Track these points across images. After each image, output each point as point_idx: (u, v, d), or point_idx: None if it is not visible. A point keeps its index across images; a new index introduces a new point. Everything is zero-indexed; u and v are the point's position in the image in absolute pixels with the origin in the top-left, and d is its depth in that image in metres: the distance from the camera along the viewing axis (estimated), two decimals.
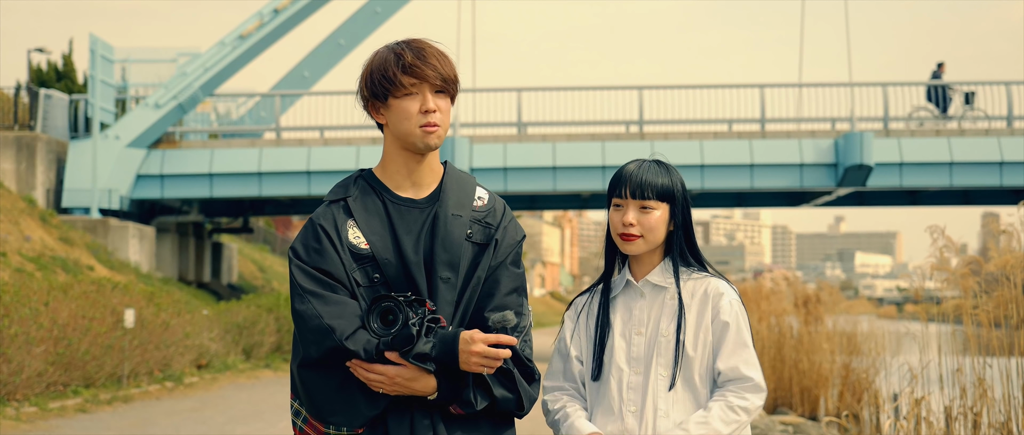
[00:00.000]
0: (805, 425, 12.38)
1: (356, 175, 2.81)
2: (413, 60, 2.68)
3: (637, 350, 2.88)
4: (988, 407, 6.73)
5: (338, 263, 2.67)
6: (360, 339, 2.60)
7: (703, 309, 2.87)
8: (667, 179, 2.89)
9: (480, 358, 2.60)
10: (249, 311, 19.38)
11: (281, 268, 39.74)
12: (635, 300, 2.92)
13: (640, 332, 2.89)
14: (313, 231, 2.72)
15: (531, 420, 12.04)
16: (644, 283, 2.92)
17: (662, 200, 2.87)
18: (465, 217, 2.75)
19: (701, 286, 2.90)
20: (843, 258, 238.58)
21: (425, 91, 2.69)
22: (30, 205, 21.91)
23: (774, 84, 25.50)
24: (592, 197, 27.77)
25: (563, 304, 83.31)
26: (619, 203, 2.90)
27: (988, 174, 24.30)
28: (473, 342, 2.59)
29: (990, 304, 6.76)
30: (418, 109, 2.68)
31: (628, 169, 2.91)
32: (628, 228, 2.87)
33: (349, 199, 2.75)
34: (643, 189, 2.86)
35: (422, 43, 2.73)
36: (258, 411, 12.24)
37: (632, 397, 2.86)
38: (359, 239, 2.70)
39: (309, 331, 2.61)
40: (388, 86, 2.68)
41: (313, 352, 2.62)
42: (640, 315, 2.91)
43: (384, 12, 26.41)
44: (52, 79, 30.44)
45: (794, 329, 14.99)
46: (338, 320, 2.61)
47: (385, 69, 2.69)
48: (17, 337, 11.43)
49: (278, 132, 25.67)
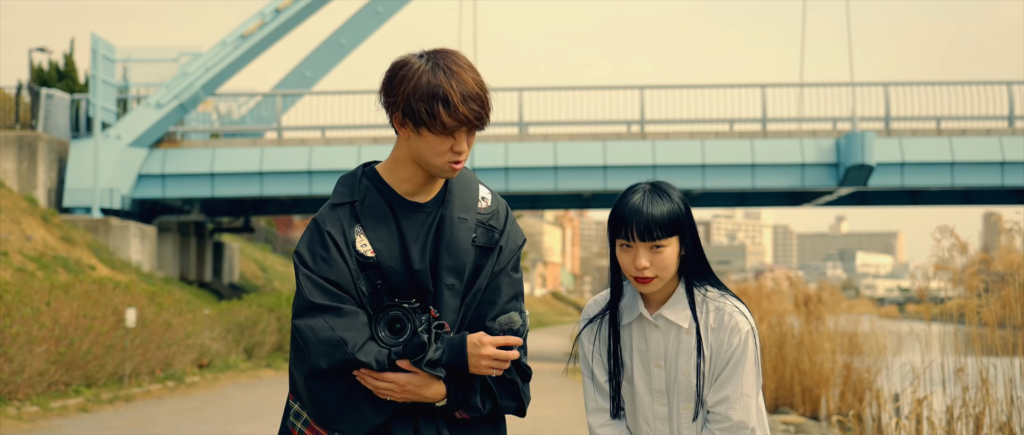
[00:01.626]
0: (806, 425, 12.38)
1: (360, 173, 2.74)
2: (459, 104, 2.57)
3: (658, 382, 2.82)
4: (990, 407, 6.73)
5: (346, 273, 2.64)
6: (371, 351, 2.59)
7: (718, 342, 2.79)
8: (672, 207, 2.75)
9: (490, 360, 2.61)
10: (250, 310, 19.38)
11: (283, 268, 39.74)
12: (649, 331, 2.83)
13: (659, 365, 2.82)
14: (320, 237, 2.66)
15: (532, 420, 11.87)
16: (658, 316, 2.81)
17: (671, 234, 2.73)
18: (470, 220, 2.73)
19: (717, 315, 2.79)
20: (844, 258, 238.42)
21: (462, 131, 2.61)
22: (31, 204, 21.92)
23: (775, 84, 25.50)
24: (593, 197, 27.76)
25: (564, 304, 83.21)
26: (627, 243, 2.75)
27: (989, 174, 24.30)
28: (482, 345, 2.60)
29: (997, 304, 6.76)
30: (450, 147, 2.62)
31: (631, 206, 2.74)
32: (642, 271, 2.74)
33: (357, 203, 2.70)
34: (652, 229, 2.71)
35: (466, 80, 2.60)
36: (259, 410, 12.23)
37: (660, 427, 2.83)
38: (366, 247, 2.66)
39: (319, 343, 2.59)
40: (427, 120, 2.58)
41: (323, 364, 2.59)
42: (657, 348, 2.82)
43: (385, 12, 26.42)
44: (53, 79, 30.44)
45: (795, 329, 15.00)
46: (349, 332, 2.59)
47: (429, 104, 2.57)
48: (19, 336, 11.43)
49: (279, 132, 25.67)
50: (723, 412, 2.76)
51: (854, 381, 13.43)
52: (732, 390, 2.76)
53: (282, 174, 24.42)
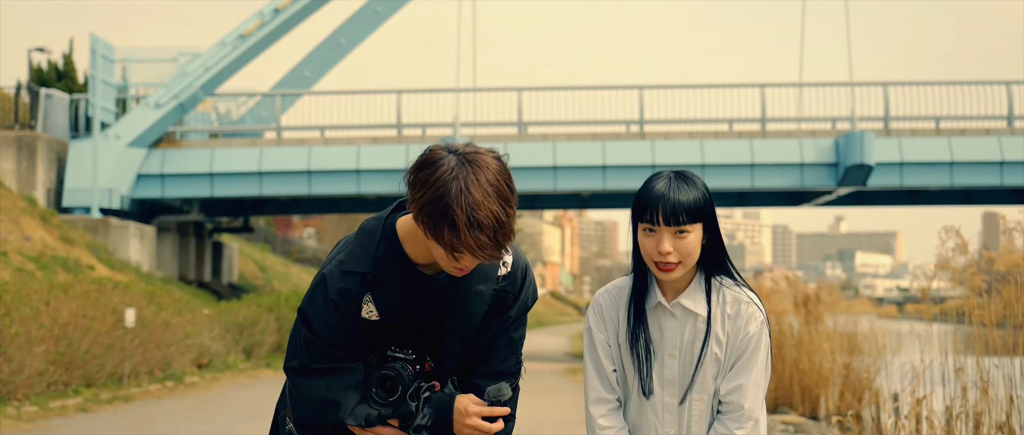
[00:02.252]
0: (806, 424, 12.38)
1: (380, 235, 2.65)
2: (465, 231, 2.40)
3: (671, 372, 2.82)
4: (990, 406, 6.73)
5: (348, 336, 2.67)
6: (361, 413, 2.66)
7: (735, 331, 2.79)
8: (697, 194, 2.71)
9: (472, 430, 2.67)
10: (249, 310, 19.39)
11: (282, 268, 39.75)
12: (666, 320, 2.82)
13: (673, 354, 2.82)
14: (325, 304, 2.64)
15: (532, 420, 11.85)
16: (676, 305, 2.80)
17: (696, 220, 2.70)
18: (486, 293, 2.70)
19: (733, 305, 2.79)
20: (843, 258, 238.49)
21: (466, 255, 2.48)
22: (31, 204, 21.91)
23: (775, 84, 25.52)
24: (593, 197, 27.77)
25: (563, 304, 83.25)
26: (650, 228, 2.71)
27: (988, 174, 24.31)
28: (467, 414, 2.66)
29: (999, 304, 6.76)
30: (456, 262, 2.51)
31: (657, 190, 2.71)
32: (665, 256, 2.70)
33: (369, 276, 2.64)
34: (677, 213, 2.68)
35: (480, 203, 2.41)
36: (259, 410, 12.23)
37: (668, 418, 2.83)
38: (371, 314, 2.68)
39: (314, 401, 2.66)
40: (433, 235, 2.45)
41: (314, 420, 2.68)
42: (672, 337, 2.81)
43: (384, 12, 26.43)
44: (53, 79, 30.43)
45: (795, 329, 15.00)
46: (342, 394, 2.66)
47: (436, 221, 2.43)
48: (18, 336, 11.43)
49: (279, 132, 25.67)
50: (736, 400, 2.77)
51: (853, 381, 13.43)
52: (746, 379, 2.77)
53: (281, 174, 24.42)
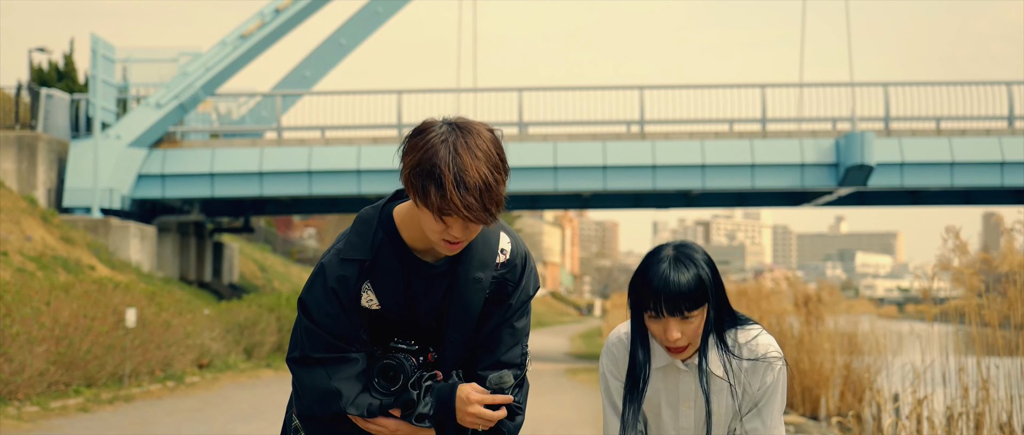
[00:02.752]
0: (806, 425, 12.38)
1: (376, 222, 2.66)
2: (452, 191, 2.40)
3: (686, 421, 2.83)
4: (990, 406, 6.73)
5: (348, 326, 2.65)
6: (363, 403, 2.65)
7: (752, 380, 2.79)
8: (696, 273, 2.69)
9: (475, 418, 2.65)
10: (250, 311, 19.39)
11: (282, 268, 39.75)
12: (681, 376, 2.83)
13: (688, 405, 2.83)
14: (325, 292, 2.64)
15: (532, 420, 11.83)
16: (689, 364, 2.81)
17: (700, 305, 2.69)
18: (485, 280, 2.69)
19: (750, 353, 2.79)
20: (844, 258, 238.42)
21: (455, 220, 2.47)
22: (31, 205, 21.92)
23: (775, 84, 25.52)
24: (593, 197, 27.76)
25: (563, 304, 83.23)
26: (654, 314, 2.71)
27: (989, 174, 24.31)
28: (469, 402, 2.64)
29: (1003, 304, 6.76)
30: (443, 230, 2.49)
31: (657, 279, 2.68)
32: (675, 343, 2.71)
33: (367, 263, 2.65)
34: (680, 304, 2.67)
35: (469, 166, 2.43)
36: (259, 410, 12.23)
37: None
38: (371, 302, 2.67)
39: (316, 391, 2.65)
40: (421, 198, 2.45)
41: (317, 411, 2.67)
42: (686, 390, 2.82)
43: (385, 12, 26.43)
44: (53, 79, 30.44)
45: (795, 329, 15.00)
46: (345, 384, 2.64)
47: (424, 182, 2.43)
48: (19, 336, 11.44)
49: (279, 132, 25.67)
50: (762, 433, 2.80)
51: (854, 381, 13.43)
52: (766, 420, 2.79)
53: (282, 174, 24.43)
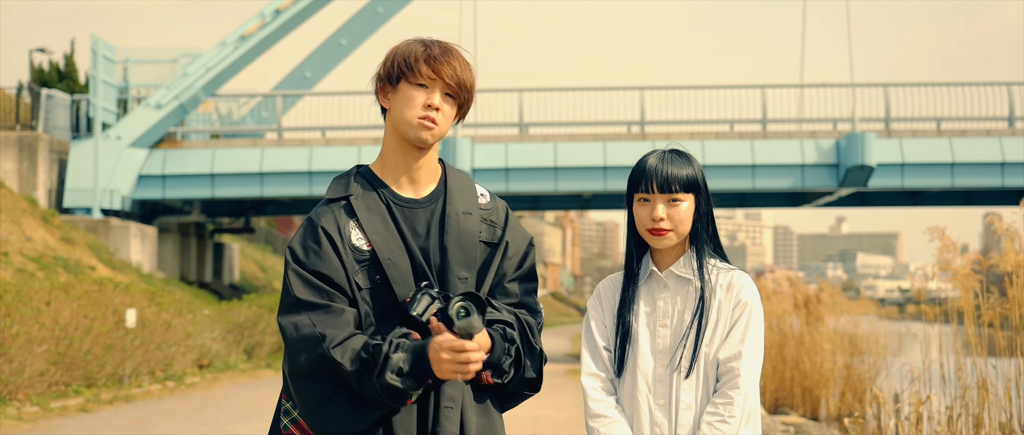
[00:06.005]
0: (806, 425, 12.37)
1: (354, 171, 2.76)
2: (438, 54, 2.68)
3: (662, 342, 2.88)
4: (990, 407, 6.73)
5: (339, 268, 2.61)
6: (348, 348, 2.54)
7: (726, 300, 2.87)
8: (690, 169, 2.88)
9: (451, 365, 2.52)
10: (250, 311, 19.39)
11: (282, 268, 39.71)
12: (659, 291, 2.91)
13: (665, 324, 2.89)
14: (313, 232, 2.63)
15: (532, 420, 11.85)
16: (668, 274, 2.90)
17: (689, 191, 2.86)
18: (475, 216, 2.74)
19: (725, 278, 2.89)
20: (845, 259, 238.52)
21: (437, 88, 2.67)
22: (32, 205, 21.92)
23: (776, 85, 25.52)
24: (594, 197, 27.76)
25: (564, 305, 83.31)
26: (645, 197, 2.87)
27: (989, 175, 24.30)
28: (440, 350, 2.52)
29: (1005, 305, 6.76)
30: (423, 102, 2.66)
31: (650, 163, 2.88)
32: (658, 222, 2.85)
33: (351, 197, 2.68)
34: (670, 182, 2.84)
35: (451, 46, 2.73)
36: (259, 411, 12.23)
37: (660, 390, 2.86)
38: (362, 241, 2.63)
39: (300, 339, 2.56)
40: (405, 70, 2.67)
41: (303, 360, 2.56)
42: (664, 307, 2.90)
43: (386, 12, 26.42)
44: (54, 79, 30.45)
45: (796, 329, 15.01)
46: (331, 329, 2.55)
47: (408, 54, 2.69)
48: (19, 337, 11.44)
49: (280, 132, 25.68)
50: (737, 367, 2.81)
51: (854, 382, 13.45)
52: (744, 347, 2.83)
53: (282, 175, 24.43)
